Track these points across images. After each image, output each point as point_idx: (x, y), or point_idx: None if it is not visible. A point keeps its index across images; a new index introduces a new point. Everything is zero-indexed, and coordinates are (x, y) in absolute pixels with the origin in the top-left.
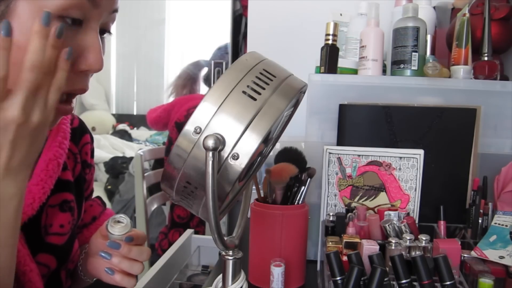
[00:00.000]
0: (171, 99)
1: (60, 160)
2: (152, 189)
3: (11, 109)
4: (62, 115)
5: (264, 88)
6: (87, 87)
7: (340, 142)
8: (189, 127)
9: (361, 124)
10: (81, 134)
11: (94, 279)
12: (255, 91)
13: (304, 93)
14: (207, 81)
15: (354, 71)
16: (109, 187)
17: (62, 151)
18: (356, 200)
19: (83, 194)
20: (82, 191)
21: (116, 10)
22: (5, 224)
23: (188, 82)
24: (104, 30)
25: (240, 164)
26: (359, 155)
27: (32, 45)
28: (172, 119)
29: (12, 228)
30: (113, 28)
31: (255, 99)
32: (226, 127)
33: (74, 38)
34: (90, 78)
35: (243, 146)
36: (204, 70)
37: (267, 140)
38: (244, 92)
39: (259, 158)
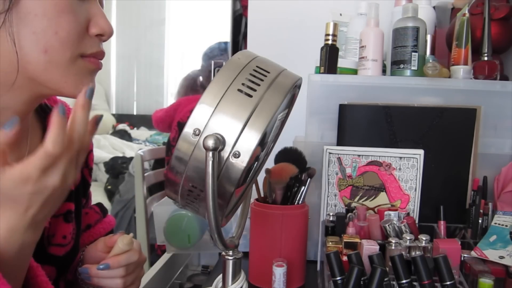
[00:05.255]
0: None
1: None
2: (152, 189)
3: (54, 176)
4: (95, 70)
5: (259, 85)
6: (103, 51)
7: (340, 142)
8: (188, 129)
9: (361, 124)
10: None
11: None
12: (250, 88)
13: (300, 87)
14: (207, 84)
15: (354, 71)
16: (109, 187)
17: None
18: (356, 200)
19: (81, 203)
20: (80, 200)
21: None
22: (19, 268)
23: (189, 91)
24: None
25: (242, 162)
26: (359, 155)
27: (78, 117)
28: (175, 119)
29: (23, 272)
30: (113, 28)
31: (251, 96)
32: (224, 126)
33: (81, 8)
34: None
35: (244, 144)
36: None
37: (263, 144)
38: (239, 90)
39: (256, 163)
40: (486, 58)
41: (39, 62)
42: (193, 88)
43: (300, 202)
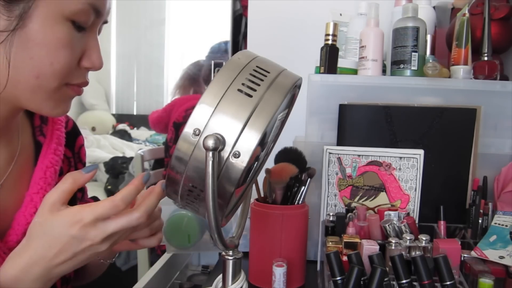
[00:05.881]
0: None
1: (57, 167)
2: None
3: (99, 231)
4: (74, 95)
5: (259, 85)
6: (88, 81)
7: (340, 142)
8: (188, 129)
9: (361, 124)
10: (74, 137)
11: (113, 258)
12: (250, 88)
13: (300, 87)
14: (207, 81)
15: (354, 71)
16: (109, 187)
17: (58, 158)
18: (356, 200)
19: (76, 199)
20: (75, 195)
21: (106, 22)
22: None
23: (189, 82)
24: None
25: (242, 162)
26: (359, 155)
27: (150, 200)
28: (171, 120)
29: None
30: (113, 28)
31: (251, 96)
32: (224, 126)
33: (80, 41)
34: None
35: (244, 144)
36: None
37: (263, 144)
38: (239, 90)
39: (256, 163)
40: (486, 58)
41: (29, 85)
42: (195, 79)
43: (300, 202)
